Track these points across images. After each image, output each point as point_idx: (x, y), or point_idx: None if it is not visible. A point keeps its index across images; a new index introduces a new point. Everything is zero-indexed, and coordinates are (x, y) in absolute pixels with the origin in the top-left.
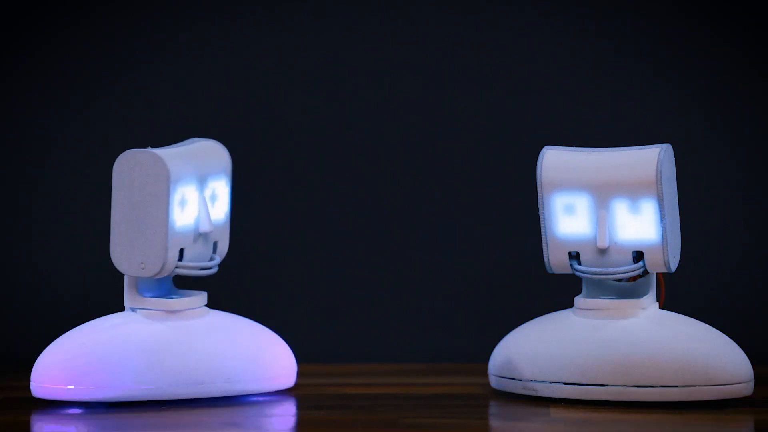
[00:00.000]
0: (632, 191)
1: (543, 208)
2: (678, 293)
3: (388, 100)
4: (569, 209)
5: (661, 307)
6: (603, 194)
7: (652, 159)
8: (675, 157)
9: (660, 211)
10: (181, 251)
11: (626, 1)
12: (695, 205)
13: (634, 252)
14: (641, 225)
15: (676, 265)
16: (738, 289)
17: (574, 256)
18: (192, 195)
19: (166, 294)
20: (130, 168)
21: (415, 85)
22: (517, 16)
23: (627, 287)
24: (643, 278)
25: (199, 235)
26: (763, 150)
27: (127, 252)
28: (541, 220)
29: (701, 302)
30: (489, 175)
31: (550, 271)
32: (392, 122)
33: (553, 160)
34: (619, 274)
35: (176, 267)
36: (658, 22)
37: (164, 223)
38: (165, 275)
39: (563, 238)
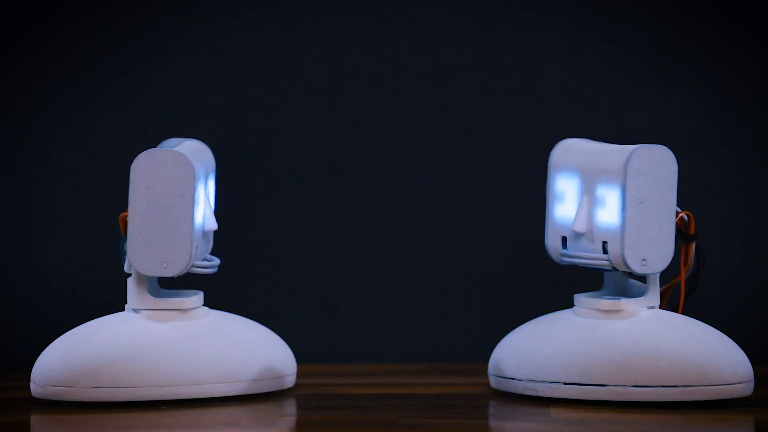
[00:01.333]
0: (605, 179)
1: (548, 190)
2: (678, 293)
3: (386, 99)
4: (562, 193)
5: (681, 312)
6: (589, 179)
7: (630, 149)
8: (675, 157)
9: (623, 202)
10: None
11: (627, 2)
12: (695, 205)
13: (603, 242)
14: (610, 214)
15: (646, 268)
16: (738, 289)
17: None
18: (201, 194)
19: (167, 294)
20: (149, 168)
21: (414, 84)
22: (517, 16)
23: (626, 287)
24: (644, 277)
25: (203, 234)
26: (763, 150)
27: (148, 252)
28: (546, 202)
29: (701, 302)
30: (489, 175)
31: (550, 255)
32: (391, 122)
33: (566, 145)
34: (583, 260)
35: (194, 266)
36: (659, 22)
37: (190, 221)
38: (181, 273)
39: (558, 222)
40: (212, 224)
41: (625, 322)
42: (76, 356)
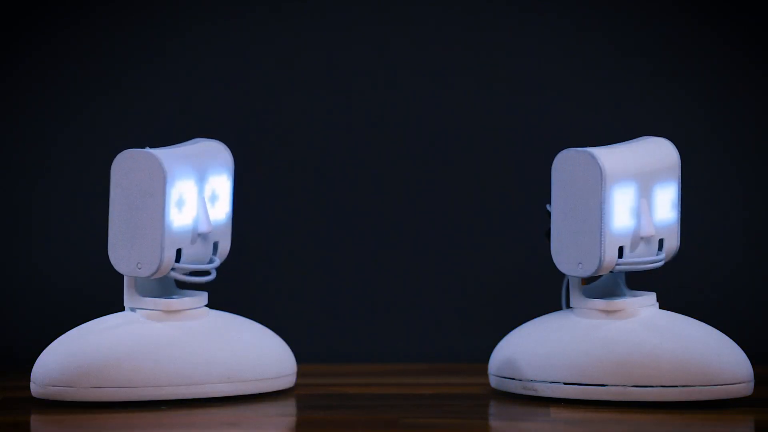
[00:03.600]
0: (665, 177)
1: (603, 203)
2: (678, 293)
3: (388, 99)
4: (621, 201)
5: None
6: (644, 183)
7: (669, 144)
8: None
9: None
10: (179, 252)
11: (627, 1)
12: (695, 204)
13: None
14: (670, 212)
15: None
16: (738, 289)
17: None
18: (190, 195)
19: (167, 294)
20: (127, 168)
21: (415, 85)
22: (517, 16)
23: (621, 287)
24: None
25: (198, 236)
26: (763, 150)
27: (124, 252)
28: (601, 217)
29: (701, 302)
30: (489, 175)
31: (597, 272)
32: (392, 122)
33: (602, 154)
34: (652, 263)
35: (172, 269)
36: (659, 22)
37: (160, 222)
38: (161, 275)
39: (618, 233)
40: (204, 227)
41: (625, 322)
42: (76, 356)
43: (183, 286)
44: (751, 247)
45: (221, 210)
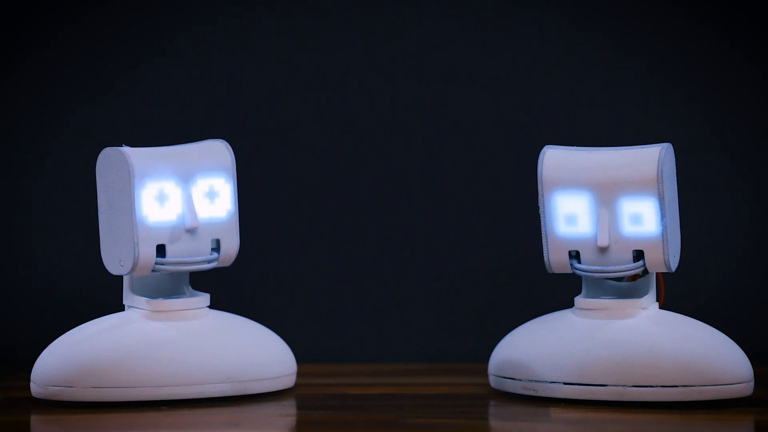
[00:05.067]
0: (633, 190)
1: (543, 207)
2: (678, 293)
3: (387, 99)
4: (570, 208)
5: (661, 307)
6: (604, 193)
7: (653, 158)
8: (675, 157)
9: (660, 209)
10: (162, 248)
11: (626, 0)
12: (695, 205)
13: (634, 251)
14: (642, 224)
15: (677, 264)
16: (738, 289)
17: (574, 256)
18: (173, 191)
19: (175, 294)
20: (105, 167)
21: (414, 84)
22: (516, 16)
23: (626, 287)
24: (642, 278)
25: (186, 232)
26: (763, 150)
27: (110, 251)
28: (541, 219)
29: (701, 302)
30: (489, 174)
31: (549, 271)
32: (392, 122)
33: (554, 159)
34: (618, 272)
35: (158, 263)
36: (658, 22)
37: (131, 217)
38: (143, 272)
39: (563, 237)
40: (190, 222)
41: (625, 322)
42: (76, 356)
43: (195, 286)
44: (751, 247)
45: (222, 208)
